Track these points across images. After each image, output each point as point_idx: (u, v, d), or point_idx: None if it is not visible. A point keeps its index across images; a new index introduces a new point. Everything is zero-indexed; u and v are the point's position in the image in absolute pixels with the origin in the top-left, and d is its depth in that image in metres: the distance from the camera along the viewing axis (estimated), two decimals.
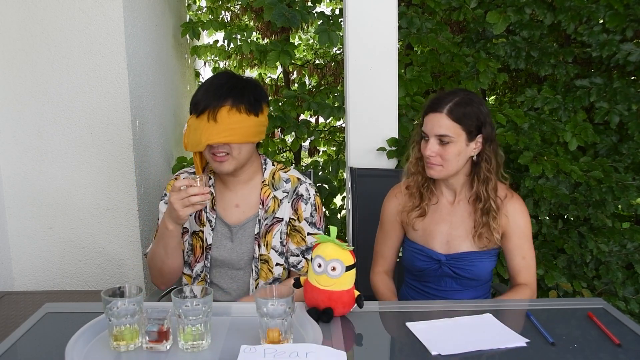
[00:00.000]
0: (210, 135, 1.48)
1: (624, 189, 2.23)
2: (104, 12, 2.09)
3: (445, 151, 1.52)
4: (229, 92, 1.50)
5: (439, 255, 1.60)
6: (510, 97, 3.41)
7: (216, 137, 1.48)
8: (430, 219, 1.64)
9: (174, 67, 2.92)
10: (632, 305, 2.29)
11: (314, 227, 1.64)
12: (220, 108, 1.48)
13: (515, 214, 1.58)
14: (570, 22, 2.40)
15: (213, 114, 1.48)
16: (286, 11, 2.38)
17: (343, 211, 3.25)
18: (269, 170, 1.65)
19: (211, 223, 1.62)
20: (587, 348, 1.15)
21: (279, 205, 1.62)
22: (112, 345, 1.12)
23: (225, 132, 1.48)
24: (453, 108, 1.52)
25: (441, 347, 1.13)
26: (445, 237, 1.62)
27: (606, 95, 2.39)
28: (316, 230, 1.64)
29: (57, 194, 2.18)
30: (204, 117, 1.48)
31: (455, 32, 3.13)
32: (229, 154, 1.52)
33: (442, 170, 1.55)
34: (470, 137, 1.53)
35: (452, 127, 1.51)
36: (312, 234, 1.63)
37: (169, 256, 1.53)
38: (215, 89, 1.51)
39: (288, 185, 1.64)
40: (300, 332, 1.19)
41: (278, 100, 3.12)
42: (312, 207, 1.63)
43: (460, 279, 1.61)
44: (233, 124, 1.49)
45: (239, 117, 1.50)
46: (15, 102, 2.13)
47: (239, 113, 1.50)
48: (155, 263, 1.57)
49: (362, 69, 2.33)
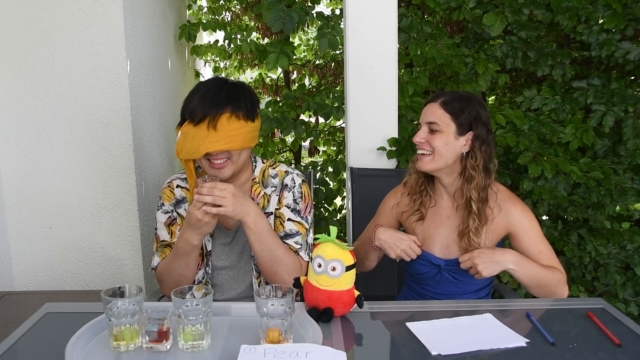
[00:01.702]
0: (210, 144, 1.45)
1: (622, 193, 2.23)
2: (104, 12, 2.08)
3: (433, 139, 1.54)
4: (227, 98, 1.48)
5: (438, 260, 1.60)
6: (510, 97, 3.41)
7: (216, 145, 1.45)
8: (429, 223, 1.64)
9: (174, 67, 2.92)
10: (631, 307, 2.29)
11: (297, 214, 1.60)
12: (220, 116, 1.45)
13: (517, 214, 1.57)
14: (569, 22, 2.40)
15: (213, 122, 1.44)
16: (284, 13, 2.38)
17: (343, 211, 3.25)
18: (259, 168, 1.65)
19: None
20: (587, 348, 1.15)
21: (268, 201, 1.62)
22: (112, 345, 1.12)
23: (225, 139, 1.46)
24: (448, 101, 1.55)
25: (441, 347, 1.13)
26: (444, 242, 1.61)
27: (603, 97, 2.38)
28: (299, 218, 1.60)
29: (57, 194, 2.18)
30: (202, 126, 1.45)
31: (454, 32, 3.13)
32: (229, 159, 1.50)
33: (431, 161, 1.55)
34: (460, 131, 1.53)
35: (442, 116, 1.54)
36: (294, 220, 1.59)
37: (190, 269, 1.51)
38: (212, 95, 1.47)
39: (276, 180, 1.64)
40: (300, 332, 1.19)
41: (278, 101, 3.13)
42: (296, 195, 1.61)
43: (460, 283, 1.60)
44: (232, 131, 1.47)
45: (238, 124, 1.48)
46: (15, 102, 2.13)
47: (237, 120, 1.48)
48: (172, 277, 1.53)
49: (362, 69, 2.33)
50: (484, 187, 1.55)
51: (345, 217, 2.76)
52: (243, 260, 1.63)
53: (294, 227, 1.58)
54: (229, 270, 1.64)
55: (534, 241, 1.56)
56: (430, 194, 1.65)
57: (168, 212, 1.63)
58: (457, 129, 1.53)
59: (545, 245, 1.58)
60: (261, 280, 1.62)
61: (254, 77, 4.33)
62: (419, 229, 1.64)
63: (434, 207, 1.65)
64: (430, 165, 1.56)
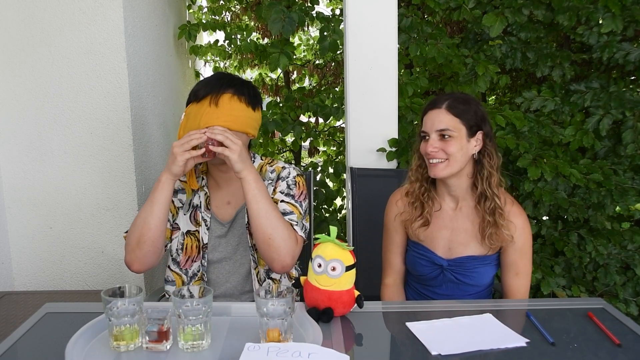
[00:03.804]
0: (210, 119, 1.49)
1: (623, 193, 2.22)
2: (104, 12, 2.09)
3: (448, 146, 1.52)
4: (231, 82, 1.54)
5: (441, 260, 1.60)
6: (510, 97, 3.41)
7: (216, 121, 1.48)
8: (432, 226, 1.63)
9: (174, 67, 2.92)
10: (631, 308, 2.29)
11: (290, 197, 1.60)
12: (222, 94, 1.51)
13: (516, 230, 1.56)
14: (569, 22, 2.39)
15: (215, 99, 1.50)
16: (284, 14, 2.38)
17: (343, 211, 3.25)
18: (257, 164, 1.67)
19: (206, 222, 1.63)
20: (587, 348, 1.15)
21: None
22: (112, 345, 1.12)
23: (226, 117, 1.50)
24: (452, 104, 1.53)
25: (441, 347, 1.13)
26: (447, 244, 1.61)
27: (600, 100, 2.37)
28: (292, 200, 1.59)
29: (57, 194, 2.18)
30: (205, 102, 1.50)
31: (454, 32, 3.13)
32: None
33: (446, 167, 1.53)
34: (470, 133, 1.53)
35: (452, 121, 1.52)
36: (286, 202, 1.58)
37: (153, 215, 1.47)
38: (216, 79, 1.55)
39: (273, 174, 1.66)
40: (300, 332, 1.19)
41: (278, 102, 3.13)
42: (290, 182, 1.62)
43: (461, 285, 1.60)
44: (233, 110, 1.51)
45: (239, 105, 1.53)
46: (15, 102, 2.13)
47: (239, 102, 1.53)
48: (135, 229, 1.49)
49: (362, 69, 2.33)
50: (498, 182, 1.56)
51: (345, 217, 2.76)
52: (239, 252, 1.65)
53: (287, 207, 1.58)
54: (224, 262, 1.65)
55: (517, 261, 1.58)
56: (435, 197, 1.64)
57: None
58: (468, 132, 1.53)
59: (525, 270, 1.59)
60: (259, 270, 1.63)
61: (254, 77, 4.33)
62: (422, 234, 1.64)
63: (438, 211, 1.64)
64: (445, 171, 1.54)
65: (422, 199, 1.63)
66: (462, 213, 1.62)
